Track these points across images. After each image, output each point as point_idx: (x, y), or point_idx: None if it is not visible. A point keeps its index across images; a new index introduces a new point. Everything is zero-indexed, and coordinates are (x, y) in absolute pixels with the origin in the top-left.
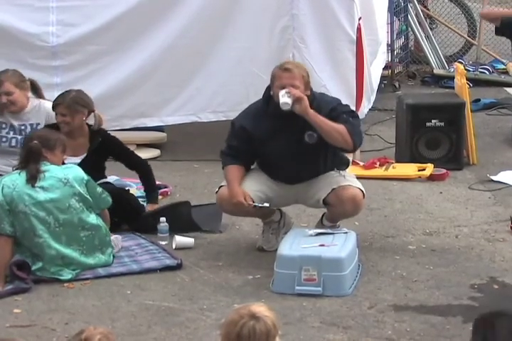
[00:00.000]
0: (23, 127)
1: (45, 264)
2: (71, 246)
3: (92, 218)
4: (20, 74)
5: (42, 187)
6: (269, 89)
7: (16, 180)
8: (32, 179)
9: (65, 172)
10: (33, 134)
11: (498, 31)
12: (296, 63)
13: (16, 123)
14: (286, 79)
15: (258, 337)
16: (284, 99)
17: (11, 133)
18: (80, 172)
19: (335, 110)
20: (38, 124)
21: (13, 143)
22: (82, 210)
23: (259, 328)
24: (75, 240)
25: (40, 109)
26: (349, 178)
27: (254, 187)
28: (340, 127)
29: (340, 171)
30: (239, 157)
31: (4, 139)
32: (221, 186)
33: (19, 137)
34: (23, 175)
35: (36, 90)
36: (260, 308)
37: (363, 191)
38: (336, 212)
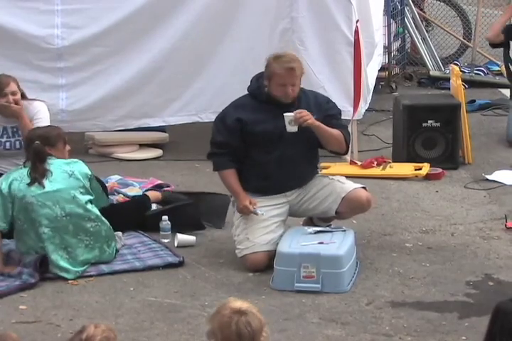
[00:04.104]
0: (15, 129)
1: (51, 256)
2: (78, 236)
3: (96, 210)
4: (15, 78)
5: (48, 179)
6: (256, 78)
7: (23, 172)
8: (41, 177)
9: (71, 166)
10: (33, 135)
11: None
12: (294, 58)
13: (8, 125)
14: (288, 79)
15: (255, 328)
16: (291, 127)
17: (5, 136)
18: (85, 168)
19: (332, 110)
20: None
21: (8, 146)
22: (86, 203)
23: (252, 321)
24: (82, 230)
25: (28, 108)
26: (343, 180)
27: (268, 236)
28: (338, 134)
29: (329, 176)
30: (230, 155)
31: None
32: (245, 254)
33: (13, 140)
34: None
35: (23, 97)
36: (237, 303)
37: (365, 187)
38: (347, 216)
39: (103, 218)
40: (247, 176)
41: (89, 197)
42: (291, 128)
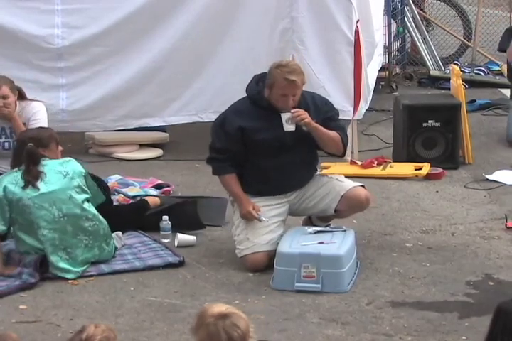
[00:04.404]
0: (12, 129)
1: (50, 258)
2: (77, 236)
3: (93, 209)
4: (12, 80)
5: (42, 181)
6: (256, 82)
7: (17, 176)
8: (35, 180)
9: (64, 166)
10: (25, 137)
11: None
12: (297, 68)
13: (6, 126)
14: (289, 90)
15: (244, 329)
16: (288, 126)
17: (3, 137)
18: (78, 166)
19: (330, 112)
20: (24, 124)
21: (6, 146)
22: (83, 202)
23: (238, 321)
24: (81, 230)
25: (26, 109)
26: (342, 179)
27: (268, 236)
28: (336, 136)
29: (328, 174)
30: (230, 160)
31: None
32: (245, 255)
33: (11, 140)
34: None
35: (22, 98)
36: (216, 308)
37: (363, 186)
38: (346, 215)
39: (100, 217)
40: (248, 180)
41: (85, 195)
42: (289, 127)
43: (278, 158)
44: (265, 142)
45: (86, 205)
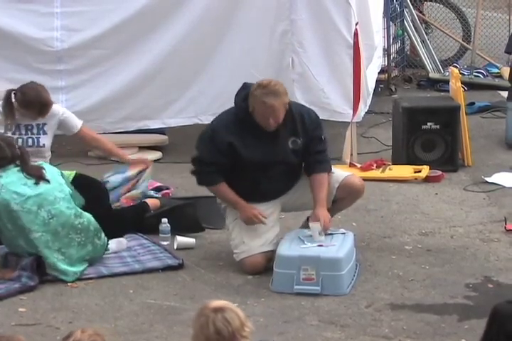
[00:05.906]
0: (29, 127)
1: (47, 260)
2: (69, 236)
3: (78, 208)
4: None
5: (26, 184)
6: (243, 99)
7: (0, 182)
8: (41, 174)
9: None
10: (5, 142)
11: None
12: (277, 88)
13: (22, 123)
14: (268, 113)
15: (234, 324)
16: (319, 238)
17: (17, 133)
18: (52, 166)
19: (317, 130)
20: (44, 124)
21: (20, 143)
22: (68, 200)
23: (230, 317)
24: (72, 228)
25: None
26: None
27: (264, 237)
28: (326, 179)
29: None
30: (220, 173)
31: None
32: (242, 258)
33: (25, 137)
34: (10, 174)
35: None
36: (214, 303)
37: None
38: (345, 204)
39: (86, 213)
40: (236, 189)
41: (68, 191)
42: (320, 238)
43: (268, 170)
44: (254, 159)
45: (71, 204)
